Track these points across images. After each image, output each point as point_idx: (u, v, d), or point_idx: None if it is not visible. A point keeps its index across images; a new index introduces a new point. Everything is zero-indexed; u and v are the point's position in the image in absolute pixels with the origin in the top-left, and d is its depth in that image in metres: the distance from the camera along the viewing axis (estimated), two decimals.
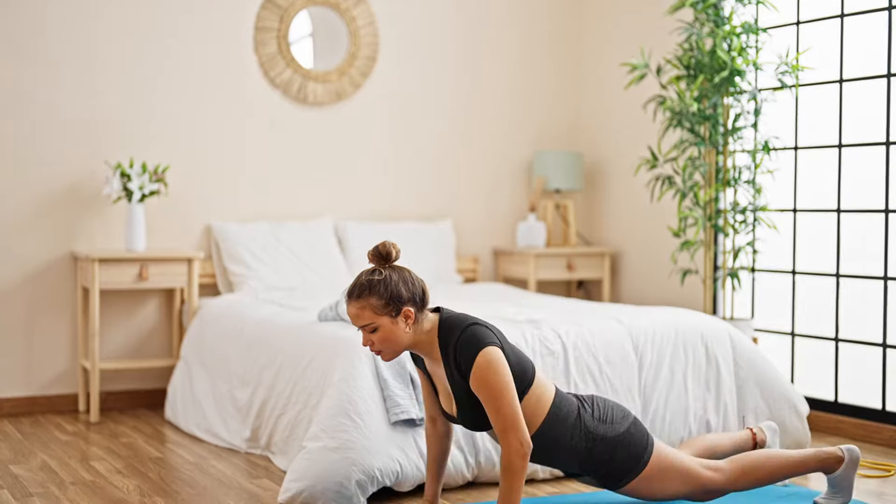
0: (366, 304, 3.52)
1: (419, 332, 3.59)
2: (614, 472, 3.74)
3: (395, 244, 3.59)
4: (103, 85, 6.06)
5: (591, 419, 3.73)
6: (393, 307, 3.51)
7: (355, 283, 3.55)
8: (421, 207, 6.85)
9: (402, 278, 3.55)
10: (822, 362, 5.73)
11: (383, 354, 3.60)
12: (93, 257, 5.65)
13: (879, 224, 5.42)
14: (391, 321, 3.53)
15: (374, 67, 6.66)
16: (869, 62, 5.50)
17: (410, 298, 3.54)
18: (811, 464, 3.93)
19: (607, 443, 3.72)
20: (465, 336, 3.53)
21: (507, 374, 3.51)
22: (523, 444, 3.46)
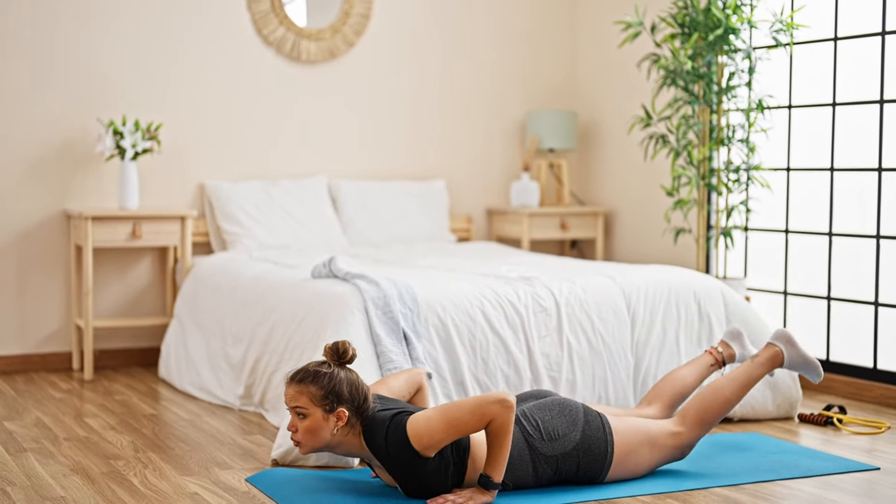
0: (305, 390, 3.48)
1: (348, 436, 3.51)
2: (589, 475, 3.74)
3: (354, 347, 3.55)
4: (96, 42, 6.03)
5: (542, 443, 3.67)
6: (329, 402, 3.46)
7: (302, 368, 3.53)
8: (414, 166, 6.84)
9: (348, 379, 3.49)
10: (814, 321, 5.74)
11: (301, 446, 3.52)
12: (86, 215, 5.64)
13: (872, 183, 5.42)
14: (323, 415, 3.47)
15: (367, 25, 6.63)
16: (863, 20, 5.48)
17: (349, 401, 3.48)
18: (757, 373, 4.06)
19: (569, 457, 3.69)
20: (389, 431, 3.44)
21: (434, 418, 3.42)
22: (502, 401, 3.40)
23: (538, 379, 4.51)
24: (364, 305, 4.38)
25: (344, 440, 3.52)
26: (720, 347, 4.28)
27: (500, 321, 4.52)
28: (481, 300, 4.55)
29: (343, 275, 4.65)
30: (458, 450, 3.54)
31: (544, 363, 4.54)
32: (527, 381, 4.50)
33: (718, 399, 3.93)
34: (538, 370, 4.52)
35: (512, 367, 4.49)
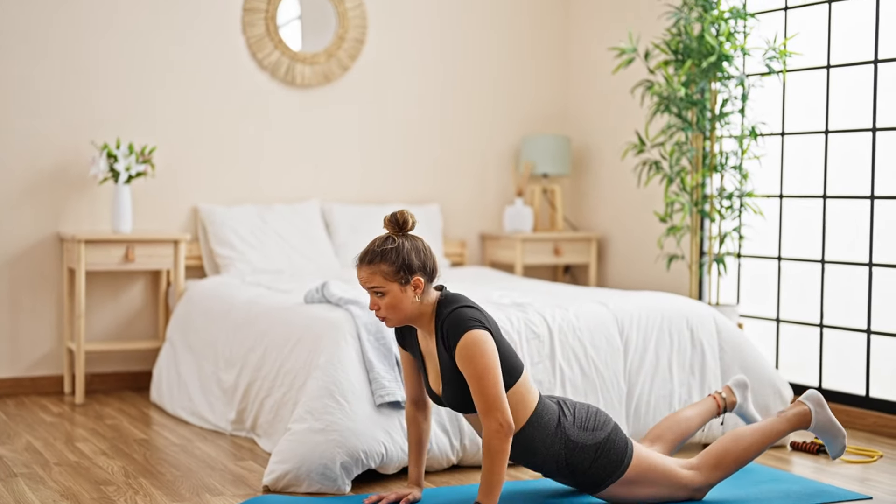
0: (377, 269, 3.54)
1: (424, 304, 3.60)
2: (593, 478, 3.73)
3: (412, 214, 3.60)
4: (90, 65, 6.04)
5: (571, 427, 3.71)
6: (403, 275, 3.54)
7: (368, 248, 3.58)
8: (408, 191, 6.84)
9: (414, 248, 3.57)
10: (806, 348, 5.75)
11: (388, 321, 3.61)
12: (79, 238, 5.63)
13: (865, 210, 5.43)
14: (400, 288, 3.55)
15: (361, 50, 6.65)
16: (856, 48, 5.51)
17: (421, 268, 3.56)
18: (781, 427, 3.99)
19: (587, 450, 3.71)
20: (455, 314, 3.54)
21: (494, 356, 3.51)
22: (504, 424, 3.46)
23: None
24: (357, 331, 4.37)
25: (422, 310, 3.60)
26: (724, 393, 4.26)
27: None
28: None
29: (336, 300, 4.65)
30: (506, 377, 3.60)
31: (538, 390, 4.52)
32: None
33: (738, 446, 3.89)
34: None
35: None
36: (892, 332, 5.31)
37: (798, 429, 4.05)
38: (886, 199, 5.34)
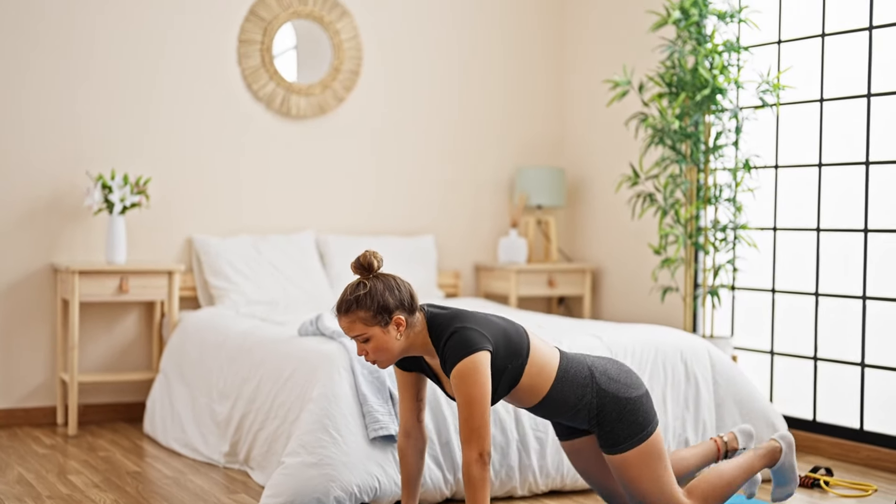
0: (355, 317, 3.51)
1: (411, 335, 3.58)
2: (617, 433, 3.73)
3: (377, 253, 3.57)
4: (85, 96, 6.05)
5: (604, 378, 3.74)
6: (382, 317, 3.51)
7: (342, 298, 3.54)
8: (403, 222, 6.85)
9: (387, 287, 3.53)
10: (800, 381, 5.74)
11: (379, 363, 3.58)
12: (73, 269, 5.63)
13: (859, 243, 5.44)
14: (382, 331, 3.52)
15: (357, 81, 6.67)
16: (849, 82, 5.53)
17: (398, 306, 3.52)
18: (757, 463, 4.02)
19: (619, 402, 3.72)
20: (451, 342, 3.52)
21: (485, 383, 3.49)
22: (483, 454, 3.45)
23: (524, 440, 4.49)
24: (350, 364, 4.37)
25: (412, 342, 3.59)
26: (726, 437, 4.24)
27: None
28: None
29: (330, 333, 4.65)
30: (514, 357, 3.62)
31: (531, 424, 4.52)
32: (513, 441, 4.48)
33: (722, 481, 3.91)
34: (525, 431, 4.50)
35: (498, 428, 4.46)
36: (886, 366, 5.31)
37: (768, 465, 4.07)
38: (880, 233, 5.35)
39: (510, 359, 3.61)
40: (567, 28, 7.27)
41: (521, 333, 3.69)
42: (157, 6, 6.19)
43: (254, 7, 6.40)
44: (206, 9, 6.31)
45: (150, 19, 6.18)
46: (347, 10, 6.62)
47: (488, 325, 3.61)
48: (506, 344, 3.62)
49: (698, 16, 5.77)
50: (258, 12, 6.41)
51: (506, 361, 3.60)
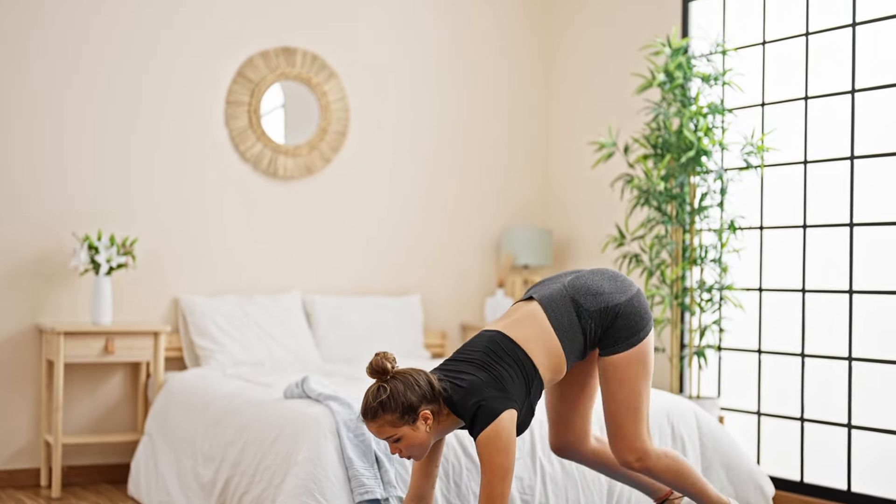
0: (383, 422, 3.56)
1: (440, 421, 3.63)
2: (612, 336, 3.79)
3: (387, 353, 3.62)
4: (72, 157, 6.06)
5: (588, 299, 3.79)
6: (409, 417, 3.55)
7: (366, 405, 3.58)
8: (389, 282, 6.85)
9: (407, 385, 3.56)
10: (787, 442, 5.74)
11: (414, 457, 3.64)
12: (58, 330, 5.61)
13: (843, 304, 5.46)
14: (412, 428, 3.56)
15: (344, 142, 6.70)
16: (832, 144, 5.57)
17: (422, 400, 3.56)
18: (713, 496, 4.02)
19: (609, 311, 3.78)
20: (476, 416, 3.56)
21: (509, 451, 3.53)
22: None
23: (511, 502, 4.47)
24: (336, 427, 4.35)
25: (442, 427, 3.64)
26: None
27: (471, 444, 4.49)
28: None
29: (316, 395, 4.63)
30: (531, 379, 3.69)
31: (517, 486, 4.50)
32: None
33: (686, 470, 3.96)
34: (511, 494, 4.48)
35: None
36: (873, 427, 5.31)
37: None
38: (865, 294, 5.37)
39: (531, 387, 3.68)
40: (553, 90, 7.33)
41: (518, 355, 3.69)
42: (144, 67, 6.22)
43: (241, 69, 6.44)
44: (194, 70, 6.35)
45: (138, 80, 6.21)
46: (335, 72, 6.67)
47: (503, 384, 3.62)
48: (522, 383, 3.67)
49: (683, 78, 5.82)
50: (246, 74, 6.45)
51: (528, 391, 3.67)
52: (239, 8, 6.46)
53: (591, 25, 7.02)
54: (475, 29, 7.16)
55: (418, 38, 7.00)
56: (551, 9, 7.34)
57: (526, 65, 7.30)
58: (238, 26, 6.46)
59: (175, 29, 6.30)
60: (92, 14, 6.10)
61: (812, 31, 5.68)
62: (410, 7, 6.98)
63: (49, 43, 6.01)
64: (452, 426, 3.67)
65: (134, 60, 6.20)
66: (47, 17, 6.00)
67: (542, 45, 7.34)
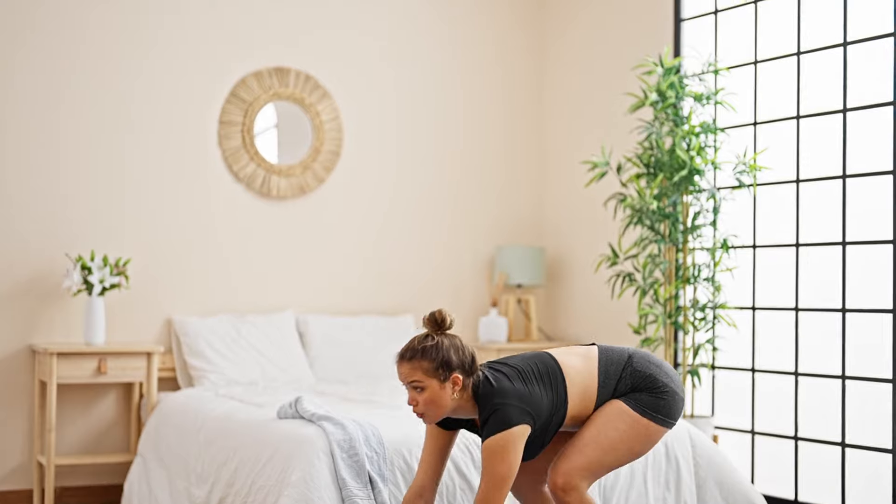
0: (417, 365, 3.62)
1: (464, 398, 3.67)
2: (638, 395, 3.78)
3: (451, 313, 3.70)
4: (65, 177, 6.06)
5: (643, 362, 3.81)
6: (442, 372, 3.60)
7: (408, 345, 3.66)
8: (383, 302, 6.85)
9: (453, 346, 3.64)
10: (782, 460, 5.73)
11: (425, 417, 3.66)
12: (51, 351, 5.60)
13: (837, 323, 5.46)
14: (439, 385, 3.61)
15: (337, 162, 6.71)
16: (825, 163, 5.59)
17: (459, 366, 3.63)
18: None
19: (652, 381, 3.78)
20: (492, 418, 3.60)
21: (513, 463, 3.56)
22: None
23: None
24: (330, 448, 4.34)
25: (461, 404, 3.67)
26: None
27: (466, 464, 4.49)
28: None
29: (309, 416, 4.62)
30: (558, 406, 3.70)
31: None
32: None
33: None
34: None
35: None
36: (866, 445, 5.31)
37: None
38: (857, 312, 5.38)
39: (554, 411, 3.70)
40: (546, 109, 7.34)
41: (554, 374, 3.73)
42: (137, 86, 6.23)
43: (235, 89, 6.45)
44: (187, 90, 6.35)
45: (131, 100, 6.21)
46: (328, 92, 6.68)
47: (526, 393, 3.65)
48: (548, 399, 3.69)
49: (675, 98, 5.83)
50: (239, 94, 6.46)
51: (550, 416, 3.69)
52: (232, 28, 6.48)
53: (584, 45, 7.05)
54: (468, 49, 7.18)
55: (412, 59, 7.01)
56: (544, 29, 7.37)
57: (519, 84, 7.32)
58: (231, 46, 6.47)
59: (168, 49, 6.31)
60: (85, 34, 6.11)
61: (803, 51, 5.70)
62: (404, 28, 6.99)
63: (41, 62, 6.01)
64: (467, 413, 3.70)
65: (127, 80, 6.20)
66: (39, 36, 6.00)
67: (535, 64, 7.36)
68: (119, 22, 6.19)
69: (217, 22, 6.44)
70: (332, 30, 6.76)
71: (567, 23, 7.19)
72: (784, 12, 5.84)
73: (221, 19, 6.45)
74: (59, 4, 6.06)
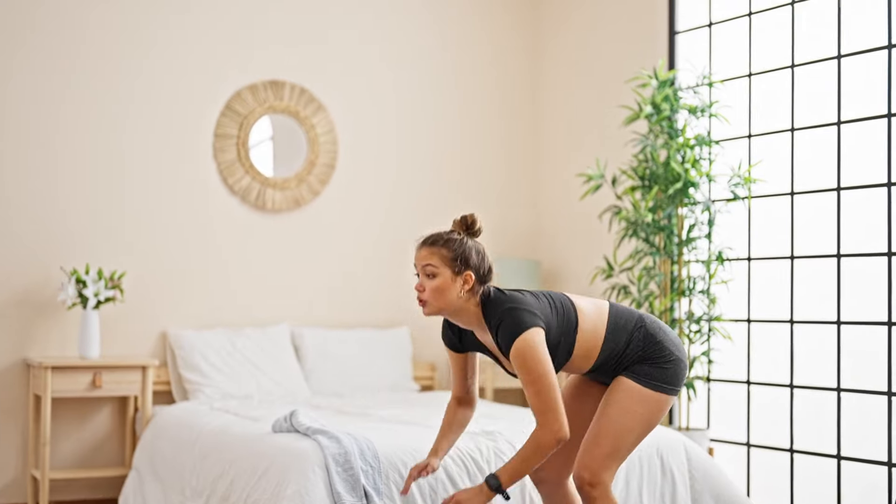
0: (436, 251, 3.68)
1: (469, 303, 3.69)
2: (644, 367, 3.74)
3: (481, 219, 3.78)
4: (60, 190, 6.06)
5: (654, 327, 3.78)
6: (458, 265, 3.66)
7: (433, 233, 3.73)
8: (378, 314, 6.85)
9: (475, 248, 3.72)
10: (777, 473, 5.73)
11: (427, 306, 3.68)
12: (45, 365, 5.59)
13: (832, 336, 5.47)
14: (452, 276, 3.66)
15: (332, 175, 6.71)
16: (819, 176, 5.60)
17: (476, 268, 3.68)
18: None
19: (660, 349, 3.75)
20: (504, 324, 3.61)
21: (544, 358, 3.56)
22: (561, 429, 3.50)
23: None
24: (325, 462, 4.33)
25: (465, 306, 3.69)
26: None
27: (462, 477, 4.48)
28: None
29: (304, 429, 4.61)
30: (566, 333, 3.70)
31: None
32: None
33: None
34: None
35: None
36: (861, 458, 5.31)
37: None
38: (853, 325, 5.38)
39: (562, 334, 3.70)
40: (542, 122, 7.35)
41: (566, 306, 3.76)
42: (132, 99, 6.23)
43: (230, 102, 6.45)
44: (182, 103, 6.36)
45: (126, 113, 6.21)
46: (323, 105, 6.68)
47: (538, 305, 3.69)
48: (558, 321, 3.70)
49: (670, 110, 5.84)
50: (234, 107, 6.46)
51: (559, 336, 3.68)
52: (227, 42, 6.49)
53: (579, 59, 7.06)
54: (464, 65, 7.19)
55: (406, 71, 7.02)
56: (540, 42, 7.38)
57: (515, 98, 7.33)
58: (226, 60, 6.48)
59: (163, 62, 6.32)
60: (80, 45, 6.11)
61: (798, 64, 5.71)
62: (398, 41, 7.00)
63: (36, 75, 6.01)
64: (469, 322, 3.71)
65: (121, 93, 6.21)
66: (35, 48, 6.01)
67: (530, 77, 7.37)
68: (114, 35, 6.19)
69: (211, 36, 6.45)
70: (327, 44, 6.77)
71: (561, 37, 7.20)
72: (778, 25, 5.86)
73: (216, 33, 6.46)
74: (45, 22, 6.06)
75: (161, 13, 6.32)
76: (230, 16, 6.51)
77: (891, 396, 5.18)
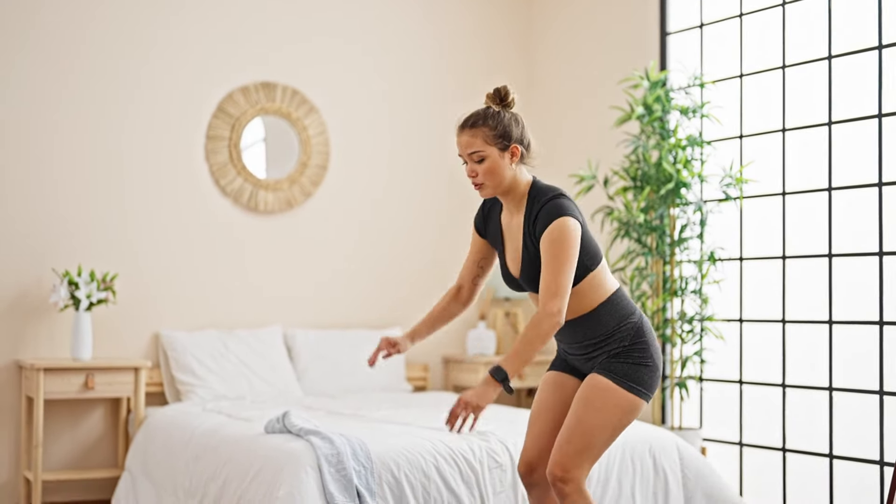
0: (478, 132, 3.65)
1: (518, 177, 3.69)
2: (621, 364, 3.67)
3: (514, 89, 3.73)
4: (52, 192, 6.05)
5: (647, 328, 3.73)
6: (502, 141, 3.64)
7: (471, 113, 3.69)
8: (370, 315, 6.85)
9: (514, 119, 3.68)
10: (770, 472, 5.74)
11: (484, 188, 3.67)
12: (38, 366, 5.58)
13: (824, 335, 5.48)
14: (499, 154, 3.65)
15: (324, 176, 6.71)
16: (810, 176, 5.61)
17: (519, 139, 3.67)
18: None
19: (643, 351, 3.68)
20: (556, 202, 3.60)
21: (575, 245, 3.54)
22: (560, 312, 3.47)
23: None
24: (317, 463, 4.34)
25: (515, 184, 3.68)
26: None
27: (454, 478, 4.49)
28: (435, 456, 4.52)
29: (297, 430, 4.62)
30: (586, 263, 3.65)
31: None
32: None
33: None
34: None
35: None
36: (853, 457, 5.32)
37: None
38: (844, 324, 5.39)
39: (586, 255, 3.65)
40: (533, 123, 7.33)
41: (599, 251, 3.74)
42: (124, 101, 6.23)
43: (222, 103, 6.45)
44: (174, 105, 6.36)
45: (118, 115, 6.21)
46: (315, 107, 6.68)
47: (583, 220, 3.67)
48: (590, 244, 3.67)
49: (661, 111, 5.85)
50: (226, 109, 6.46)
51: (583, 255, 3.63)
52: (218, 43, 6.48)
53: (571, 60, 7.07)
54: (455, 65, 7.20)
55: (398, 73, 7.03)
56: (531, 43, 7.39)
57: None
58: (218, 61, 6.48)
59: (155, 64, 6.32)
60: (73, 48, 6.11)
61: (789, 64, 5.73)
62: (390, 43, 7.01)
63: (28, 78, 6.01)
64: (519, 198, 3.69)
65: (114, 96, 6.20)
66: (28, 53, 6.00)
67: (521, 79, 7.37)
68: (107, 37, 6.19)
69: (203, 38, 6.45)
70: (319, 45, 6.77)
71: (553, 37, 7.21)
72: (769, 26, 5.87)
73: (208, 35, 6.46)
74: (40, 26, 6.06)
75: (153, 16, 6.32)
76: (222, 18, 6.51)
77: (882, 396, 5.20)
